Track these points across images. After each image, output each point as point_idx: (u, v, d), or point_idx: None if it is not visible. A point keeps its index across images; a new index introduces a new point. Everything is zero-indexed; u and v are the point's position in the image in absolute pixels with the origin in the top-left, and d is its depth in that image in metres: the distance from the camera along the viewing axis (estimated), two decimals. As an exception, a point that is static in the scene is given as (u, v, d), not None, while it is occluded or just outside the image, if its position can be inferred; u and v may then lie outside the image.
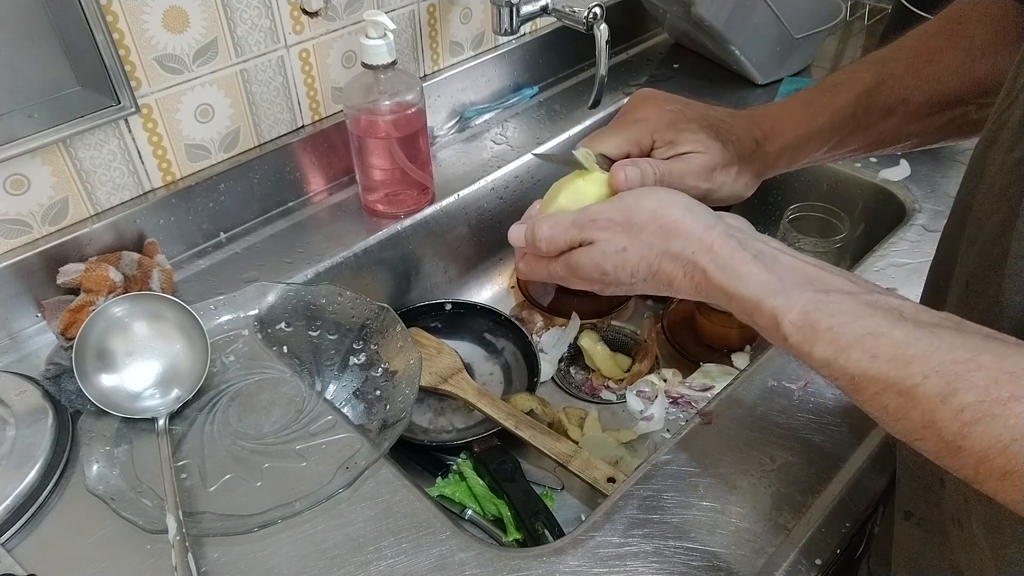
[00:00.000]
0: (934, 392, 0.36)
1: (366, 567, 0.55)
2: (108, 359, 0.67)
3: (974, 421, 0.35)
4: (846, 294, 0.42)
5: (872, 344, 0.39)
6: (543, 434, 0.76)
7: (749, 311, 0.44)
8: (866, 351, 0.39)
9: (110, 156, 0.77)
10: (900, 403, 0.37)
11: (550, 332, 0.96)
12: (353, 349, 0.75)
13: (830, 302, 0.41)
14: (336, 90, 0.92)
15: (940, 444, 0.36)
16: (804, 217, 0.95)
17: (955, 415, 0.35)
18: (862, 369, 0.39)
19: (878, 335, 0.39)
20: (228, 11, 0.79)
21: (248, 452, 0.64)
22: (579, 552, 0.56)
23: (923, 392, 0.36)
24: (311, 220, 0.90)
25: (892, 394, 0.38)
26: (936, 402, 0.36)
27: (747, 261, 0.44)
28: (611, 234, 0.48)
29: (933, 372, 0.36)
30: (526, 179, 1.01)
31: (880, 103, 0.59)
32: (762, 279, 0.44)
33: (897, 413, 0.38)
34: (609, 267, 0.49)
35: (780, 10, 1.07)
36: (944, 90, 0.57)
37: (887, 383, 0.38)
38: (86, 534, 0.58)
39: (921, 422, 0.37)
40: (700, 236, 0.46)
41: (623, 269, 0.48)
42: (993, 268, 0.42)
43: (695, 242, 0.46)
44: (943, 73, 0.57)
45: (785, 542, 0.56)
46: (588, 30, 0.88)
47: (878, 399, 0.38)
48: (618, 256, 0.48)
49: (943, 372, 0.36)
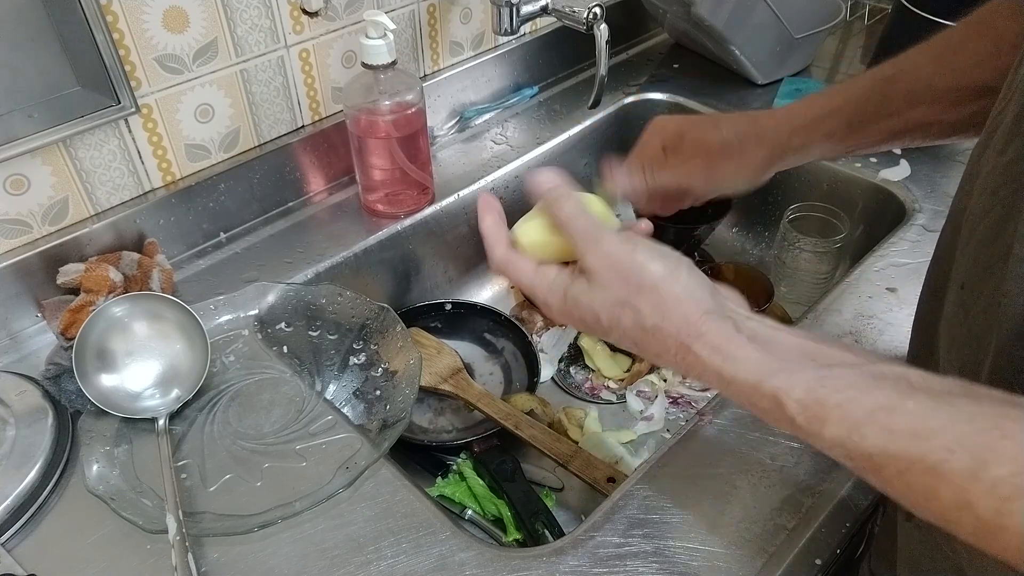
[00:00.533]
0: (963, 467, 0.33)
1: (366, 567, 0.55)
2: (108, 359, 0.67)
3: (1012, 497, 0.31)
4: (849, 367, 0.39)
5: (886, 418, 0.36)
6: (543, 434, 0.76)
7: (747, 394, 0.41)
8: (882, 427, 0.36)
9: (110, 156, 0.77)
10: (927, 482, 0.34)
11: (550, 332, 0.96)
12: (353, 349, 0.75)
13: (835, 377, 0.39)
14: (336, 90, 0.92)
15: (978, 525, 0.33)
16: (804, 217, 0.95)
17: (989, 491, 0.32)
18: (880, 447, 0.36)
19: (891, 408, 0.36)
20: (228, 11, 0.79)
21: (248, 452, 0.64)
22: (579, 552, 0.56)
23: (951, 469, 0.33)
24: (311, 220, 0.90)
25: (917, 473, 0.34)
26: (967, 478, 0.33)
27: (743, 344, 0.42)
28: (614, 276, 0.46)
29: (957, 445, 0.33)
30: (526, 179, 1.01)
31: (902, 90, 0.58)
32: (759, 360, 0.41)
33: (926, 492, 0.34)
34: (604, 317, 0.46)
35: (780, 10, 1.07)
36: (970, 79, 0.56)
37: (910, 460, 0.35)
38: (86, 534, 0.58)
39: (953, 502, 0.33)
40: (697, 321, 0.43)
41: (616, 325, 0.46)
42: (989, 270, 0.42)
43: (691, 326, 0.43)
44: (968, 63, 0.56)
45: (785, 542, 0.56)
46: (588, 30, 0.88)
47: (902, 479, 0.35)
48: (615, 309, 0.46)
49: (968, 444, 0.33)
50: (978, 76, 0.56)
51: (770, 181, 0.66)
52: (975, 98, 0.56)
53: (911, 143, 0.62)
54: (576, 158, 1.07)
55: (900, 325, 0.73)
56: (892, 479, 0.36)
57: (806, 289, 0.95)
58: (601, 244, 0.46)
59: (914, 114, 0.59)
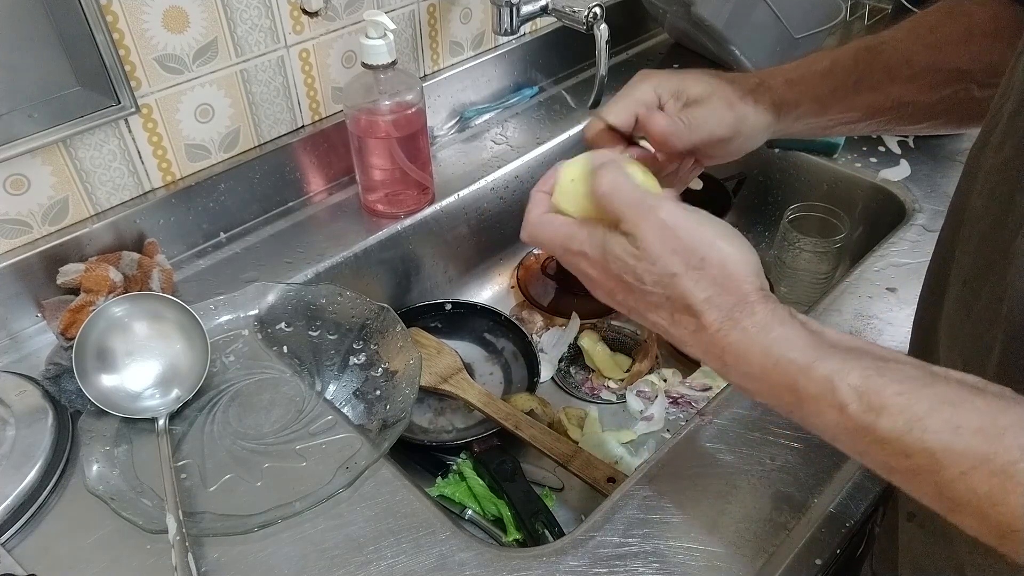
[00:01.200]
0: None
1: (366, 567, 0.55)
2: (108, 359, 0.67)
3: None
4: (907, 363, 0.37)
5: (952, 413, 0.33)
6: (543, 434, 0.76)
7: (793, 376, 0.38)
8: (946, 421, 0.33)
9: (110, 156, 0.77)
10: (995, 484, 0.31)
11: (550, 332, 0.96)
12: (353, 349, 0.75)
13: (893, 368, 0.36)
14: (336, 90, 0.92)
15: None
16: (804, 217, 0.95)
17: None
18: (944, 443, 0.33)
19: (957, 403, 0.33)
20: (228, 11, 0.79)
21: (248, 452, 0.64)
22: (579, 552, 0.56)
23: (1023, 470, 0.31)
24: (311, 220, 0.90)
25: (984, 474, 0.32)
26: None
27: (796, 326, 0.39)
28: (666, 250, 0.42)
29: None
30: (526, 179, 1.01)
31: (882, 61, 0.58)
32: (811, 342, 0.39)
33: (991, 497, 0.32)
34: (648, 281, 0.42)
35: (780, 10, 1.07)
36: (946, 58, 0.56)
37: (977, 460, 0.32)
38: (86, 534, 0.58)
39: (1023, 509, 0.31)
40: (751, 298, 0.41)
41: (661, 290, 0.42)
42: (991, 266, 0.42)
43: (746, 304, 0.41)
44: (944, 41, 0.56)
45: (785, 542, 0.56)
46: (588, 30, 0.88)
47: (965, 481, 0.32)
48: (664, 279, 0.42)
49: None
50: (952, 57, 0.56)
51: (770, 181, 0.66)
52: (949, 81, 0.56)
53: (890, 126, 0.61)
54: (576, 158, 1.07)
55: (900, 325, 0.73)
56: (953, 481, 0.33)
57: (806, 289, 0.95)
58: (658, 212, 0.42)
59: (893, 90, 0.59)
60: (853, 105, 0.59)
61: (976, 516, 0.33)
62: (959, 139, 1.00)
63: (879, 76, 0.58)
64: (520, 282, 1.02)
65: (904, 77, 0.58)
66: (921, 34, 0.58)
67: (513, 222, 1.05)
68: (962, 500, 0.33)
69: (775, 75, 0.59)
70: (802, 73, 0.59)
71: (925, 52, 0.57)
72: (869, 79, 0.58)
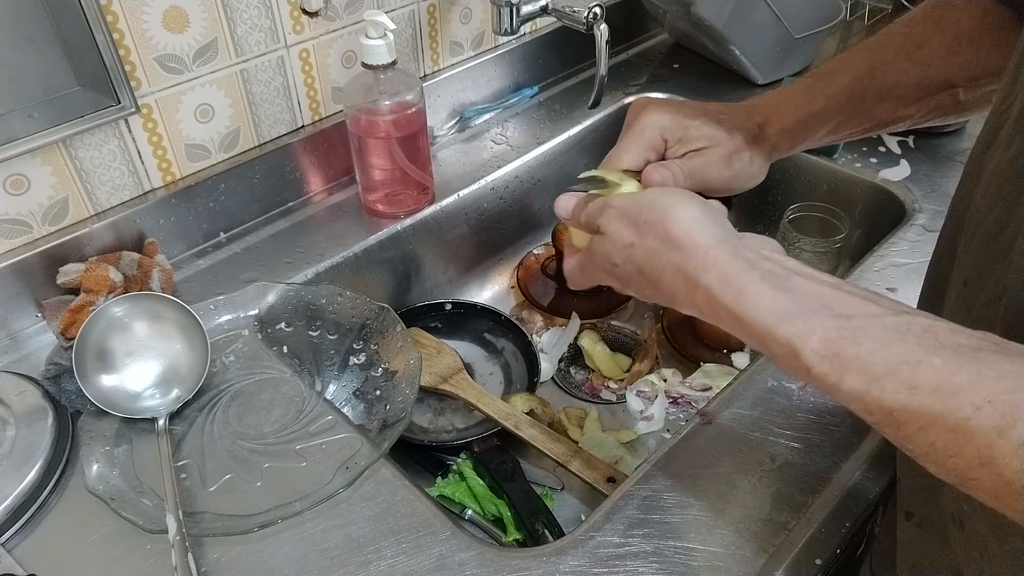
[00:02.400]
0: (989, 425, 0.32)
1: (366, 567, 0.55)
2: (108, 359, 0.67)
3: None
4: (870, 316, 0.38)
5: (910, 373, 0.35)
6: (543, 434, 0.76)
7: (760, 337, 0.40)
8: (904, 381, 0.35)
9: (110, 156, 0.77)
10: (950, 439, 0.33)
11: (550, 332, 0.96)
12: (353, 349, 0.75)
13: (854, 327, 0.37)
14: (336, 90, 0.92)
15: (1000, 484, 0.32)
16: (804, 217, 0.95)
17: (1016, 450, 0.31)
18: (901, 402, 0.35)
19: (915, 363, 0.35)
20: (228, 11, 0.79)
21: (248, 452, 0.64)
22: (579, 552, 0.56)
23: (977, 426, 0.32)
24: (311, 220, 0.90)
25: (940, 429, 0.34)
26: (993, 436, 0.32)
27: (755, 280, 0.40)
28: (621, 225, 0.47)
29: (985, 402, 0.32)
30: (526, 179, 1.01)
31: (875, 87, 0.59)
32: (774, 301, 0.40)
33: (947, 450, 0.34)
34: (619, 260, 0.47)
35: (780, 10, 1.07)
36: (934, 73, 0.57)
37: (932, 417, 0.34)
38: (86, 534, 0.58)
39: (977, 460, 0.32)
40: (705, 252, 0.42)
41: (630, 264, 0.47)
42: (992, 265, 0.42)
43: (699, 257, 0.42)
44: (932, 57, 0.57)
45: (785, 542, 0.56)
46: (588, 30, 0.88)
47: (923, 435, 0.34)
48: (626, 251, 0.46)
49: (996, 402, 0.32)
50: (941, 70, 0.57)
51: (770, 181, 0.66)
52: (935, 92, 0.58)
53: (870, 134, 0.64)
54: (576, 158, 1.07)
55: (900, 325, 0.73)
56: (912, 435, 0.35)
57: (806, 289, 0.95)
58: (611, 201, 0.49)
59: (880, 111, 0.60)
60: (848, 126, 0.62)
61: (937, 467, 0.35)
62: (959, 139, 1.00)
63: (871, 101, 0.60)
64: (520, 282, 1.02)
65: (894, 98, 0.59)
66: (908, 52, 0.58)
67: (513, 222, 1.05)
68: (922, 452, 0.35)
69: (774, 122, 0.61)
70: (798, 118, 0.61)
71: (914, 70, 0.58)
72: (861, 106, 0.60)
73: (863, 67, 0.59)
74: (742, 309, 0.40)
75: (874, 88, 0.59)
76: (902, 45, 0.59)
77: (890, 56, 0.59)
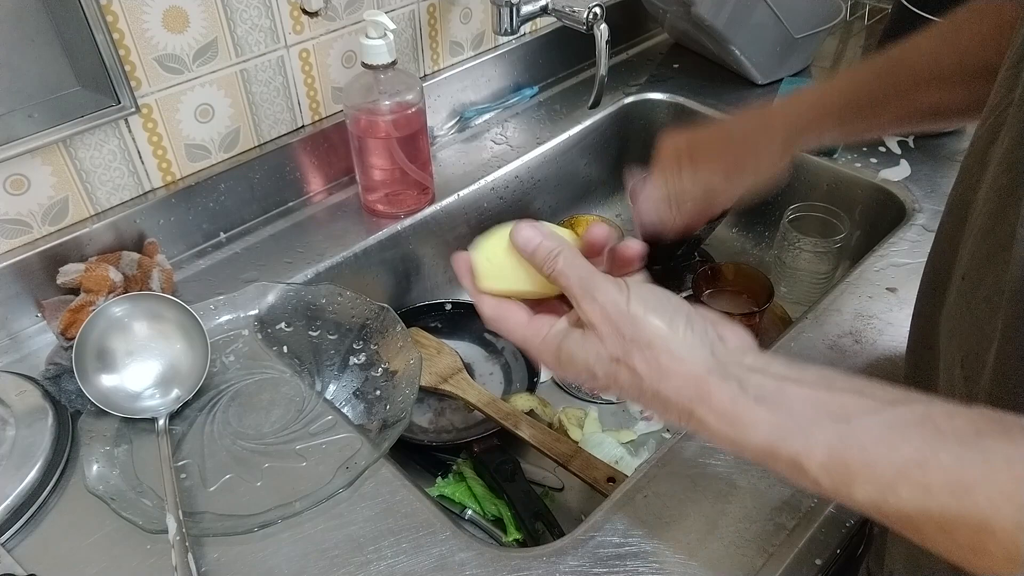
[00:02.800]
0: (1011, 522, 0.31)
1: (366, 567, 0.55)
2: (108, 359, 0.67)
3: None
4: (868, 414, 0.37)
5: (920, 474, 0.34)
6: (543, 434, 0.76)
7: (762, 459, 0.39)
8: (916, 484, 0.34)
9: (110, 156, 0.77)
10: (976, 538, 0.33)
11: (550, 332, 0.96)
12: (353, 349, 0.75)
13: (856, 432, 0.36)
14: (336, 90, 0.92)
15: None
16: (804, 217, 0.95)
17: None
18: (917, 506, 0.34)
19: (922, 463, 0.34)
20: (228, 11, 0.79)
21: (248, 452, 0.64)
22: (579, 552, 0.56)
23: (999, 525, 0.32)
24: (311, 220, 0.90)
25: (963, 530, 0.33)
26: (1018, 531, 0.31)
27: (750, 407, 0.39)
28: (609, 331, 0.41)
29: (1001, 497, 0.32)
30: (526, 179, 1.01)
31: (907, 70, 0.58)
32: (771, 423, 0.38)
33: (975, 549, 0.33)
34: (600, 373, 0.42)
35: (780, 10, 1.07)
36: (973, 59, 0.56)
37: (953, 518, 0.33)
38: (86, 534, 0.58)
39: (1005, 557, 0.32)
40: (697, 383, 0.40)
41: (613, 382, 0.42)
42: (991, 257, 0.42)
43: (691, 388, 0.40)
44: (971, 43, 0.56)
45: (785, 542, 0.56)
46: (588, 30, 0.88)
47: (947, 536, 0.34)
48: (610, 367, 0.42)
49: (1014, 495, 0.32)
50: (982, 56, 0.55)
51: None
52: (980, 78, 0.55)
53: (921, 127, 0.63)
54: (576, 158, 1.07)
55: (900, 325, 0.73)
56: (934, 536, 0.34)
57: (806, 289, 0.95)
58: (596, 294, 0.42)
59: (921, 96, 0.59)
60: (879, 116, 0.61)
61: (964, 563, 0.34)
62: (959, 139, 1.00)
63: (906, 85, 0.58)
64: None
65: (933, 82, 0.58)
66: (947, 37, 0.57)
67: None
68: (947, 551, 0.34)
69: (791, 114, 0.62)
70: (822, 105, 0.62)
71: (953, 54, 0.56)
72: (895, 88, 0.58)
73: (895, 53, 0.59)
74: (742, 438, 0.39)
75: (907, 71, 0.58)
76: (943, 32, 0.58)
77: (927, 42, 0.58)
